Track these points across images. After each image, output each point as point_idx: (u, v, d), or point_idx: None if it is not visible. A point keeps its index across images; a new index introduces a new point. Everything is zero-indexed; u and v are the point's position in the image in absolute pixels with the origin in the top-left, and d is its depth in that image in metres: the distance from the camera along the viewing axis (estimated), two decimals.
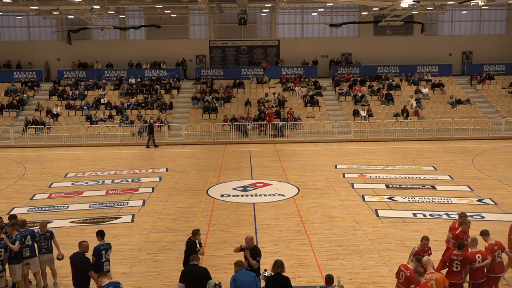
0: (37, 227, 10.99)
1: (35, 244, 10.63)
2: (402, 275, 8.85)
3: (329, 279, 8.35)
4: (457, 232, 10.44)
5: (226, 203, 17.05)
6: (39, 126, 29.76)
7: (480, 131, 29.90)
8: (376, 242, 13.08)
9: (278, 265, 8.55)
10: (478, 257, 9.34)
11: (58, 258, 10.64)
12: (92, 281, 9.45)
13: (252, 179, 20.49)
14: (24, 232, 10.42)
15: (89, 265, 9.46)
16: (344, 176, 20.43)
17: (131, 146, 28.82)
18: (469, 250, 9.50)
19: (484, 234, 9.87)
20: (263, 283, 8.92)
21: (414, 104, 32.07)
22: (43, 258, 10.76)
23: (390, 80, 35.05)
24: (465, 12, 37.16)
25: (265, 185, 19.39)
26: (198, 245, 9.99)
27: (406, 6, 24.76)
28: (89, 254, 9.63)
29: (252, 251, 9.58)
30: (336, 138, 29.44)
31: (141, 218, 15.49)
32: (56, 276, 10.98)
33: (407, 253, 12.29)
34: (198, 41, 37.51)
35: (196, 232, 10.11)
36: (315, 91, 34.18)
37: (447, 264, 9.69)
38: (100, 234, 9.98)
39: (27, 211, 16.34)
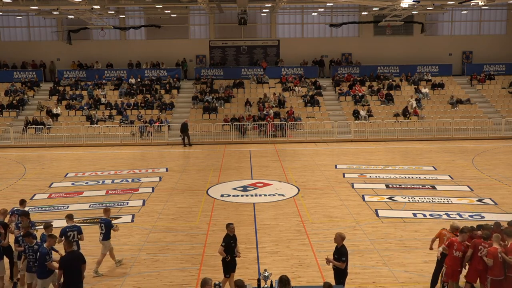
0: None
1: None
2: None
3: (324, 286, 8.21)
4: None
5: (226, 203, 17.05)
6: (39, 126, 29.75)
7: (480, 131, 29.89)
8: (376, 242, 13.08)
9: (285, 282, 7.95)
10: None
11: None
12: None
13: (252, 179, 20.49)
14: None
15: (83, 260, 9.36)
16: (344, 176, 20.44)
17: (131, 146, 28.81)
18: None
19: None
20: (263, 283, 8.91)
21: (414, 104, 32.06)
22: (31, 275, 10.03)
23: (390, 80, 35.06)
24: (465, 12, 37.17)
25: (265, 185, 19.39)
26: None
27: (406, 6, 24.78)
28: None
29: (338, 251, 9.50)
30: (336, 138, 29.43)
31: (141, 218, 15.50)
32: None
33: (407, 253, 12.37)
34: (198, 41, 37.51)
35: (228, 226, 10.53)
36: (315, 91, 34.18)
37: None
38: (69, 217, 11.31)
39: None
